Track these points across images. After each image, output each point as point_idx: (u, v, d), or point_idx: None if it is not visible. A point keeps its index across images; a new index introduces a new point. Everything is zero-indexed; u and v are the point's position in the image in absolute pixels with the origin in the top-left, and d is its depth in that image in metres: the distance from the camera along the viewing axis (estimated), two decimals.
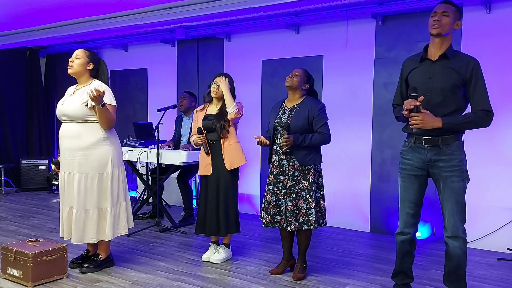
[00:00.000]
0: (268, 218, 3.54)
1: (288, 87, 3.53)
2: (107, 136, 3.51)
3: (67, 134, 3.49)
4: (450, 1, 2.77)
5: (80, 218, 3.46)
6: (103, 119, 3.42)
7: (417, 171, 2.85)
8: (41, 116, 8.01)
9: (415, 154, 2.84)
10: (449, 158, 2.74)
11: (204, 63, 6.34)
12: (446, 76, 2.72)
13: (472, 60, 2.74)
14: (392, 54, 4.90)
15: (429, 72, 2.76)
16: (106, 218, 3.53)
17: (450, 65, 2.73)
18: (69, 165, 3.49)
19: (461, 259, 2.79)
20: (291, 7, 4.53)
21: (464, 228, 2.79)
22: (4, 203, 6.41)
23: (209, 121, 3.84)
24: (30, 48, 7.80)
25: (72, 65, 3.50)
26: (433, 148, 2.77)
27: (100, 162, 3.48)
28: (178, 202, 6.08)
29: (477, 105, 2.72)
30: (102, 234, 3.55)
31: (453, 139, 2.75)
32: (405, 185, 2.91)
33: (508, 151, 4.33)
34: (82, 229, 3.48)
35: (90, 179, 3.46)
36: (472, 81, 2.71)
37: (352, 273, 3.71)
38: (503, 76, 4.35)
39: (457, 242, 2.77)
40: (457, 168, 2.75)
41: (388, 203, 4.97)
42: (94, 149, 3.45)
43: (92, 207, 3.48)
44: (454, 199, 2.75)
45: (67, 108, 3.47)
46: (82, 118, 3.44)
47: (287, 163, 3.49)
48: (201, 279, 3.53)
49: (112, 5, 5.44)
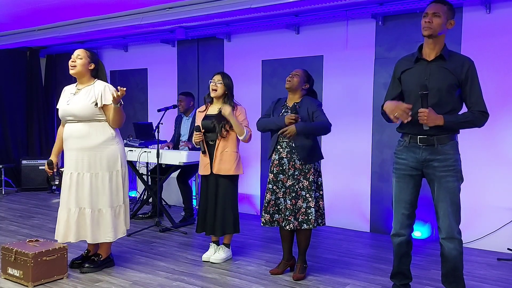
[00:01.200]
0: (267, 216, 3.55)
1: (288, 88, 3.54)
2: (115, 135, 3.55)
3: (74, 134, 3.48)
4: (442, 0, 2.75)
5: (94, 217, 3.47)
6: (117, 118, 3.46)
7: (412, 171, 2.84)
8: (41, 116, 8.01)
9: (410, 154, 2.82)
10: (444, 157, 2.73)
11: (204, 63, 6.34)
12: (442, 77, 2.72)
13: (467, 60, 2.74)
14: (392, 54, 4.90)
15: (425, 72, 2.76)
16: (120, 215, 3.59)
17: (445, 66, 2.73)
18: (77, 165, 3.47)
19: (458, 260, 2.77)
20: (291, 7, 4.53)
21: (459, 229, 2.76)
22: (4, 203, 6.41)
23: (209, 121, 3.84)
24: (30, 48, 7.80)
25: (75, 65, 3.49)
26: (428, 148, 2.76)
27: (109, 161, 3.50)
28: (178, 202, 6.08)
29: (475, 106, 2.72)
30: (119, 231, 3.60)
31: (448, 139, 2.75)
32: (400, 185, 2.89)
33: (508, 151, 4.33)
34: (98, 228, 3.49)
35: (101, 178, 3.48)
36: (467, 82, 2.71)
37: (352, 273, 3.71)
38: (503, 76, 4.36)
39: (452, 244, 2.74)
40: (452, 168, 2.74)
41: (388, 203, 4.97)
42: (104, 148, 3.48)
43: (105, 206, 3.50)
44: (449, 199, 2.73)
45: (74, 108, 3.46)
46: (90, 117, 3.45)
47: (287, 162, 3.49)
48: (201, 279, 3.53)
49: (112, 5, 5.44)
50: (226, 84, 3.84)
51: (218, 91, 3.83)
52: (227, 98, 3.85)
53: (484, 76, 4.23)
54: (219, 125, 3.77)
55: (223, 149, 3.80)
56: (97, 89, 3.47)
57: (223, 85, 3.83)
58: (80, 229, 3.49)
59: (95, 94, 3.45)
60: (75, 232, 3.48)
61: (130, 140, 5.38)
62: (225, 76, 3.87)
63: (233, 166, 3.81)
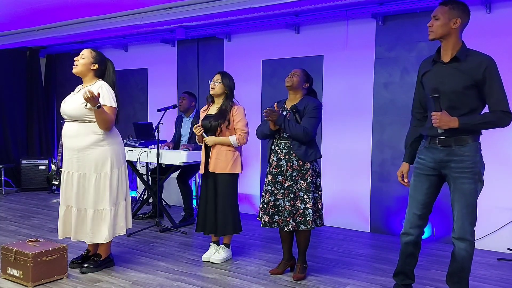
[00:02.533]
0: (267, 218, 3.54)
1: (289, 87, 3.53)
2: (105, 137, 3.49)
3: (67, 134, 3.51)
4: (444, 0, 2.74)
5: (78, 216, 3.48)
6: (99, 120, 3.41)
7: (429, 171, 2.82)
8: (41, 116, 8.01)
9: (428, 154, 2.81)
10: (461, 159, 2.69)
11: (204, 63, 6.34)
12: (456, 79, 2.68)
13: (485, 60, 2.69)
14: (392, 54, 4.90)
15: (439, 75, 2.74)
16: (104, 219, 3.50)
17: (460, 68, 2.68)
18: (68, 164, 3.52)
19: (466, 262, 2.76)
20: (291, 7, 4.52)
21: (473, 231, 2.74)
22: (4, 203, 6.41)
23: (207, 121, 3.85)
24: (30, 48, 7.79)
25: (77, 64, 3.52)
26: (446, 149, 2.73)
27: (98, 162, 3.47)
28: (178, 202, 6.08)
29: (495, 106, 2.67)
30: (97, 236, 3.52)
31: (467, 140, 2.70)
32: (415, 184, 2.88)
33: (508, 151, 4.33)
34: (81, 227, 3.50)
35: (88, 179, 3.47)
36: (486, 82, 2.66)
37: (352, 273, 3.71)
38: (503, 76, 4.32)
39: (463, 244, 2.74)
40: (468, 170, 2.69)
41: (388, 203, 4.97)
42: (91, 150, 3.46)
43: (89, 207, 3.48)
44: (464, 201, 2.70)
45: (67, 107, 3.50)
46: (81, 117, 3.44)
47: (286, 163, 3.49)
48: (201, 279, 3.53)
49: (112, 5, 5.43)
50: (226, 84, 3.84)
51: (216, 90, 3.84)
52: (226, 98, 3.85)
53: None
54: (215, 123, 3.79)
55: (219, 147, 3.80)
56: (93, 89, 3.44)
57: (222, 84, 3.83)
58: (66, 227, 3.55)
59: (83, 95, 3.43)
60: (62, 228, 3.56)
61: (130, 140, 5.37)
62: (225, 75, 3.87)
63: (229, 164, 3.80)
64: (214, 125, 3.80)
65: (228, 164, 3.80)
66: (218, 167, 3.80)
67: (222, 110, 3.83)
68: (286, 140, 3.49)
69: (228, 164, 3.80)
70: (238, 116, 3.82)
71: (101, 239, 3.52)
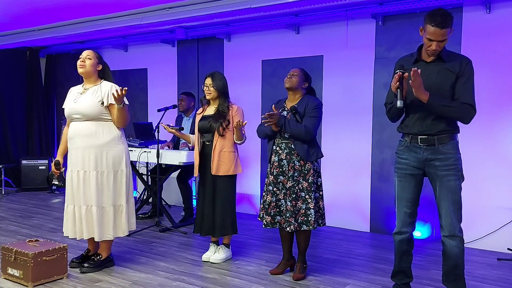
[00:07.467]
0: (269, 218, 3.54)
1: (288, 88, 3.53)
2: (121, 135, 3.61)
3: (80, 133, 3.51)
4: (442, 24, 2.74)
5: (99, 215, 3.50)
6: (121, 118, 3.51)
7: (414, 170, 2.87)
8: (41, 116, 8.01)
9: (411, 154, 2.86)
10: (445, 157, 2.77)
11: (204, 63, 6.34)
12: (442, 76, 2.76)
13: (465, 58, 2.80)
14: (392, 54, 4.90)
15: (424, 72, 2.77)
16: (122, 215, 3.61)
17: (445, 66, 2.77)
18: (84, 163, 3.50)
19: (459, 258, 2.80)
20: (291, 7, 4.53)
21: (460, 227, 2.81)
22: (4, 203, 6.41)
23: (206, 121, 3.85)
24: (30, 48, 7.79)
25: (84, 64, 3.54)
26: (429, 147, 2.80)
27: (115, 160, 3.55)
28: (178, 202, 6.08)
29: (462, 98, 2.74)
30: (119, 230, 3.62)
31: (448, 139, 2.79)
32: (402, 184, 2.92)
33: (508, 151, 4.33)
34: (101, 226, 3.53)
35: (106, 177, 3.52)
36: (463, 76, 2.75)
37: (352, 273, 3.71)
38: (503, 76, 4.35)
39: (455, 241, 2.78)
40: (453, 167, 2.78)
41: (388, 203, 4.97)
42: (110, 147, 3.53)
43: (108, 204, 3.54)
44: (451, 198, 2.77)
45: (81, 106, 3.50)
46: (97, 116, 3.50)
47: (287, 164, 3.49)
48: (201, 279, 3.53)
49: (112, 5, 5.44)
50: (218, 87, 3.82)
51: (212, 94, 3.85)
52: (222, 98, 3.86)
53: (484, 76, 4.26)
54: (216, 124, 3.78)
55: (220, 149, 3.80)
56: (103, 88, 3.53)
57: (214, 88, 3.83)
58: (89, 227, 3.54)
59: (102, 93, 3.51)
60: (86, 229, 3.53)
61: (130, 140, 5.37)
62: (215, 78, 3.84)
63: (232, 166, 3.82)
64: (214, 126, 3.79)
65: (231, 166, 3.82)
66: (221, 170, 3.80)
67: (220, 111, 3.83)
68: (287, 140, 3.49)
69: (231, 166, 3.82)
70: (237, 117, 3.83)
71: (121, 234, 3.63)
